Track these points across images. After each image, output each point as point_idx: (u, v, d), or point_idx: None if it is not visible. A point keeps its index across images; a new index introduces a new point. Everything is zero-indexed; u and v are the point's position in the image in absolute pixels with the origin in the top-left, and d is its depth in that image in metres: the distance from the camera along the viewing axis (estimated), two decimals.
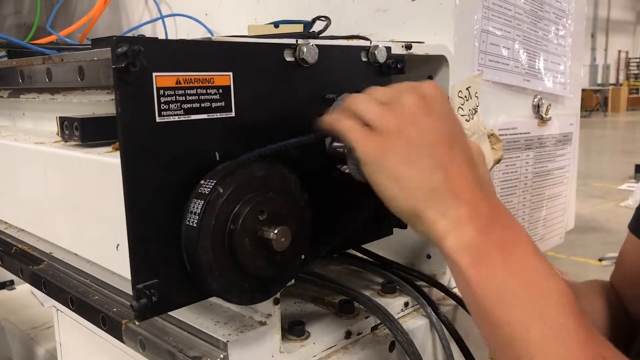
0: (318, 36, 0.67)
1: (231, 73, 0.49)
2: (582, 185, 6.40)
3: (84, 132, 0.60)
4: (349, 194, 0.58)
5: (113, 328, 0.59)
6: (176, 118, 0.45)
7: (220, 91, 0.48)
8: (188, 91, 0.46)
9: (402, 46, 0.67)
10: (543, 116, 0.94)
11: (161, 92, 0.44)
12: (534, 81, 0.93)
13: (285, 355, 0.58)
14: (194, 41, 0.48)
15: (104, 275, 0.67)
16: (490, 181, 0.63)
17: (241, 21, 1.01)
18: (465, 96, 0.77)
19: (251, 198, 0.47)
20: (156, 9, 1.19)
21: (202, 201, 0.45)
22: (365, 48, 0.61)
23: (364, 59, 0.61)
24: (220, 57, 0.48)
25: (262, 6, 1.00)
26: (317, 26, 0.75)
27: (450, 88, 0.75)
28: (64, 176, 0.62)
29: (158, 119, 0.44)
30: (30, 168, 0.69)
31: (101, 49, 0.53)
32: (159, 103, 0.44)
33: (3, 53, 0.86)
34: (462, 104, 0.77)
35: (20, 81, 0.69)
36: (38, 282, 0.71)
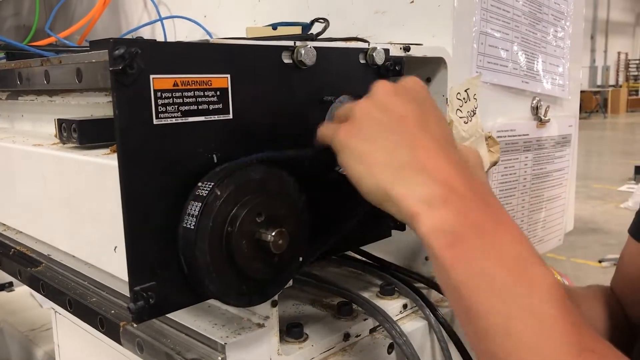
0: (316, 38, 0.67)
1: (229, 75, 0.49)
2: (582, 186, 6.40)
3: (82, 134, 0.60)
4: (347, 196, 0.58)
5: (111, 330, 0.59)
6: (173, 120, 0.45)
7: (217, 93, 0.48)
8: (185, 93, 0.46)
9: (401, 48, 0.67)
10: (542, 118, 0.94)
11: (158, 95, 0.44)
12: (533, 83, 0.93)
13: (283, 357, 0.58)
14: (192, 43, 0.48)
15: (102, 277, 0.67)
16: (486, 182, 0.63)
17: (240, 23, 1.01)
18: (463, 98, 0.77)
19: (249, 200, 0.47)
20: (155, 11, 1.19)
21: (200, 203, 0.45)
22: (363, 50, 0.61)
23: (362, 61, 0.61)
24: (217, 60, 0.48)
25: (261, 8, 1.00)
26: (316, 28, 0.75)
27: (448, 90, 0.75)
28: (62, 178, 0.62)
29: (155, 121, 0.44)
30: (28, 170, 0.69)
31: (99, 51, 0.53)
32: (157, 105, 0.44)
33: (1, 55, 0.86)
34: (461, 106, 0.77)
35: (18, 83, 0.69)
36: (36, 284, 0.71)
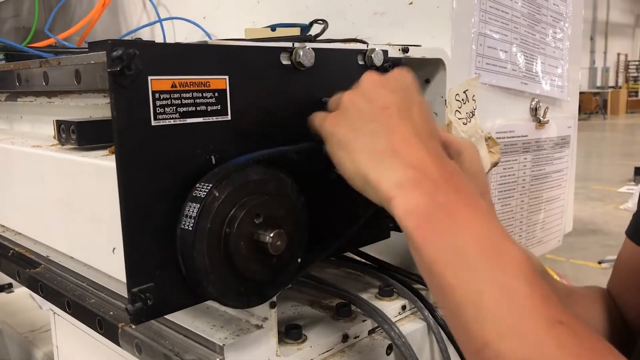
0: (315, 39, 0.67)
1: (227, 76, 0.49)
2: (582, 187, 6.40)
3: (81, 136, 0.60)
4: (346, 197, 0.58)
5: (109, 331, 0.59)
6: (172, 122, 0.45)
7: (216, 95, 0.48)
8: (184, 95, 0.46)
9: (399, 49, 0.67)
10: (541, 119, 0.94)
11: (157, 96, 0.44)
12: (532, 84, 0.93)
13: (281, 358, 0.58)
14: (190, 45, 0.48)
15: (101, 278, 0.67)
16: (485, 182, 0.63)
17: (239, 24, 1.01)
18: (462, 99, 0.77)
19: (247, 201, 0.47)
20: (154, 12, 1.19)
21: (198, 205, 0.45)
22: (362, 51, 0.61)
23: (361, 62, 0.61)
24: (216, 61, 0.48)
25: (260, 9, 1.00)
26: (315, 29, 0.75)
27: (447, 91, 0.75)
28: (61, 179, 0.62)
29: (154, 123, 0.44)
30: (27, 171, 0.69)
31: (97, 53, 0.53)
32: (155, 107, 0.44)
33: (1, 56, 0.86)
34: (460, 107, 0.77)
35: (17, 84, 0.69)
36: (35, 286, 0.71)
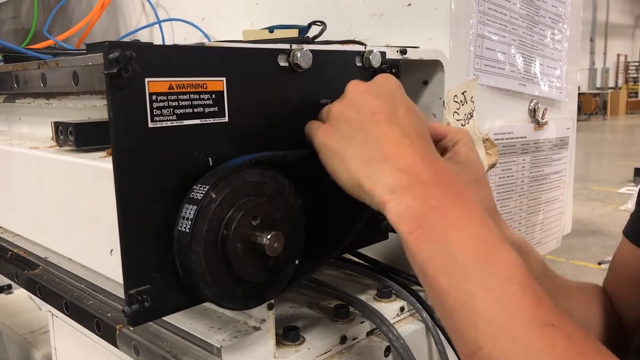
0: (313, 41, 0.67)
1: (224, 78, 0.49)
2: (582, 188, 6.40)
3: (79, 137, 0.60)
4: (344, 199, 0.58)
5: (107, 333, 0.59)
6: (169, 123, 0.45)
7: (213, 96, 0.48)
8: (181, 96, 0.46)
9: (397, 51, 0.67)
10: (539, 120, 0.95)
11: (154, 98, 0.44)
12: (530, 85, 0.93)
13: None
14: (187, 46, 0.48)
15: (99, 280, 0.67)
16: (481, 169, 0.64)
17: (238, 26, 1.01)
18: (460, 101, 0.77)
19: (244, 203, 0.47)
20: (153, 14, 1.19)
21: (195, 206, 0.45)
22: (359, 53, 0.61)
23: (359, 64, 0.61)
24: (213, 63, 0.48)
25: (259, 11, 1.00)
26: (313, 31, 0.75)
27: (445, 93, 0.75)
28: (59, 181, 0.62)
29: (151, 124, 0.44)
30: (25, 173, 0.69)
31: (95, 54, 0.53)
32: (152, 108, 0.44)
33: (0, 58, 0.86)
34: (458, 109, 0.77)
35: (15, 86, 0.69)
36: (33, 287, 0.71)
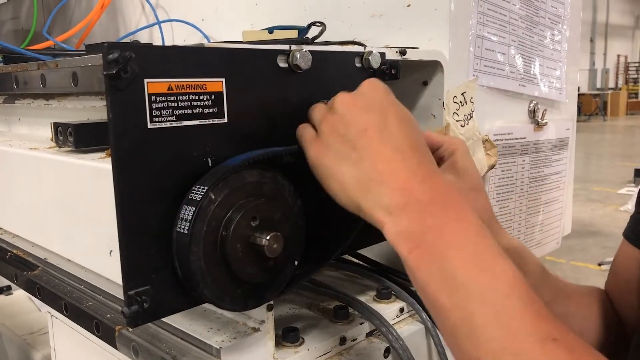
0: (312, 42, 0.67)
1: (224, 79, 0.49)
2: (582, 189, 6.40)
3: (78, 138, 0.60)
4: None
5: (106, 334, 0.59)
6: (168, 124, 0.45)
7: (212, 97, 0.48)
8: (180, 97, 0.46)
9: (397, 52, 0.67)
10: (539, 121, 0.94)
11: (153, 98, 0.44)
12: (530, 86, 0.93)
13: None
14: (186, 47, 0.48)
15: (98, 281, 0.67)
16: (477, 176, 0.64)
17: (237, 26, 1.01)
18: (460, 101, 0.77)
19: (243, 204, 0.47)
20: (153, 15, 1.19)
21: (193, 208, 0.45)
22: (359, 54, 0.61)
23: (358, 65, 0.61)
24: (212, 63, 0.48)
25: (258, 11, 1.00)
26: (313, 32, 0.75)
27: (445, 93, 0.75)
28: (58, 182, 0.62)
29: (150, 125, 0.44)
30: (24, 174, 0.69)
31: (94, 55, 0.53)
32: (151, 109, 0.44)
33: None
34: (457, 110, 0.77)
35: (15, 87, 0.69)
36: (32, 288, 0.71)
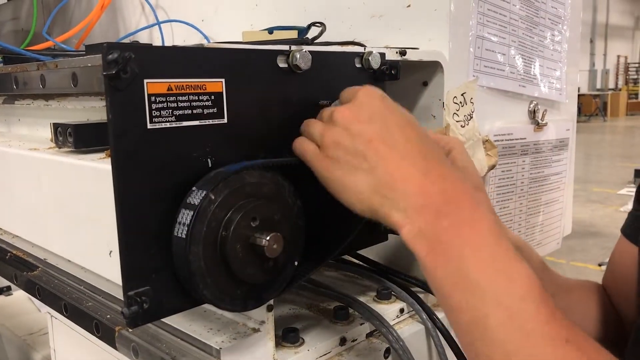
0: (312, 42, 0.67)
1: (223, 79, 0.49)
2: (582, 190, 6.40)
3: (78, 138, 0.60)
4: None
5: (106, 335, 0.59)
6: (168, 125, 0.45)
7: (212, 98, 0.48)
8: (180, 98, 0.46)
9: (397, 52, 0.67)
10: (539, 122, 0.94)
11: (152, 99, 0.44)
12: (530, 87, 0.93)
13: None
14: (186, 48, 0.48)
15: (98, 281, 0.66)
16: (476, 175, 0.65)
17: (237, 27, 1.01)
18: (460, 102, 0.77)
19: (243, 205, 0.47)
20: (153, 15, 1.19)
21: (191, 211, 0.45)
22: (359, 54, 0.61)
23: (358, 65, 0.61)
24: (212, 64, 0.48)
25: (258, 12, 1.00)
26: (313, 32, 0.75)
27: (445, 94, 0.75)
28: (58, 182, 0.62)
29: (149, 126, 0.44)
30: (24, 174, 0.69)
31: (94, 56, 0.53)
32: (150, 110, 0.44)
33: None
34: (457, 110, 0.77)
35: (15, 87, 0.69)
36: (32, 289, 0.71)
